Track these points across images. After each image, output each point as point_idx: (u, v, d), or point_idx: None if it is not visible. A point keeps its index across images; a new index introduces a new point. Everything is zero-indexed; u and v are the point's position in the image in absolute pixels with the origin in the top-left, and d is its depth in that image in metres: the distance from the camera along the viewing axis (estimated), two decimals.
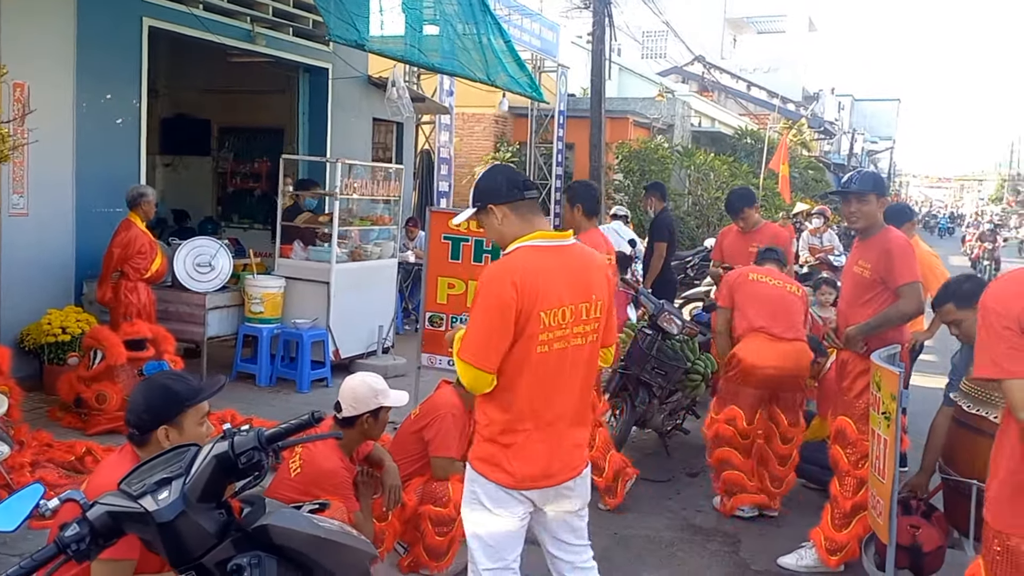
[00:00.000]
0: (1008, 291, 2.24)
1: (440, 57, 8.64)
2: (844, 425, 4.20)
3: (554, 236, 2.77)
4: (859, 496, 4.05)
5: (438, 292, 6.34)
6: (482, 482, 2.76)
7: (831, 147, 42.84)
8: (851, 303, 4.28)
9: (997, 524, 2.31)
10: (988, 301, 2.26)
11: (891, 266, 4.06)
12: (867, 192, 4.18)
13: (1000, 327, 2.18)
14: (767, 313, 4.94)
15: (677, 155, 18.94)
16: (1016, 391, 2.16)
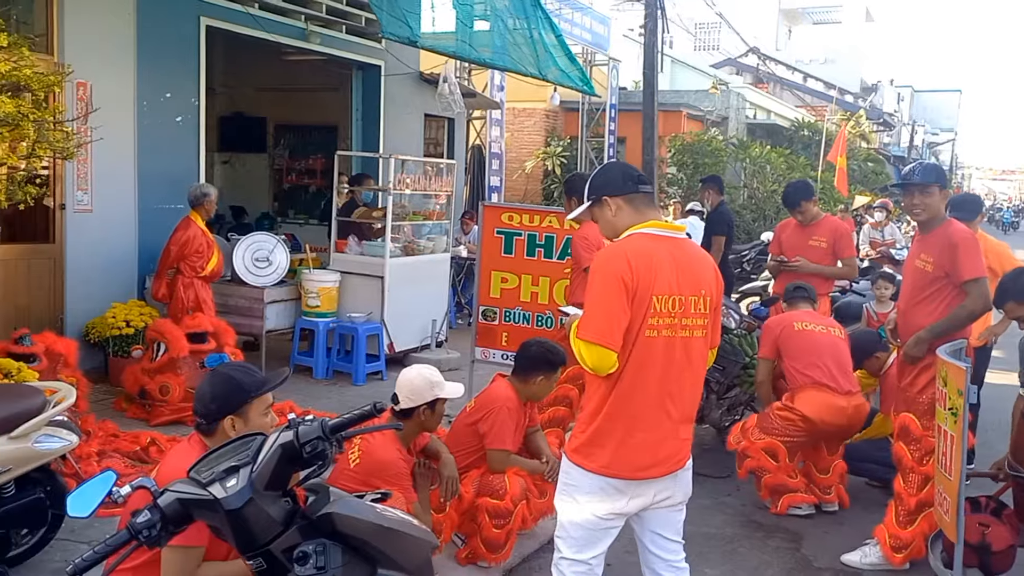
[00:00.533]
0: None
1: (491, 52, 8.66)
2: (908, 421, 4.10)
3: (667, 227, 2.77)
4: (924, 493, 3.95)
5: (491, 286, 6.36)
6: (574, 471, 2.75)
7: (891, 139, 41.91)
8: (912, 299, 4.15)
9: None
10: None
11: (956, 260, 3.92)
12: (930, 184, 4.05)
13: None
14: (824, 365, 4.83)
15: (732, 148, 18.68)
16: None
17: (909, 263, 4.30)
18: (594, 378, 2.71)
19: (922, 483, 3.97)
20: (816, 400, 4.75)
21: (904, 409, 4.17)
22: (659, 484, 2.71)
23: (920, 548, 4.02)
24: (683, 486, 2.80)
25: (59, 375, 5.05)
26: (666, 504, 2.77)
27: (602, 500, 2.69)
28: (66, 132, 4.19)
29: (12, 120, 3.69)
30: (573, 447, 2.77)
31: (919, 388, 4.05)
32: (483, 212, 6.45)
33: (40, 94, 4.10)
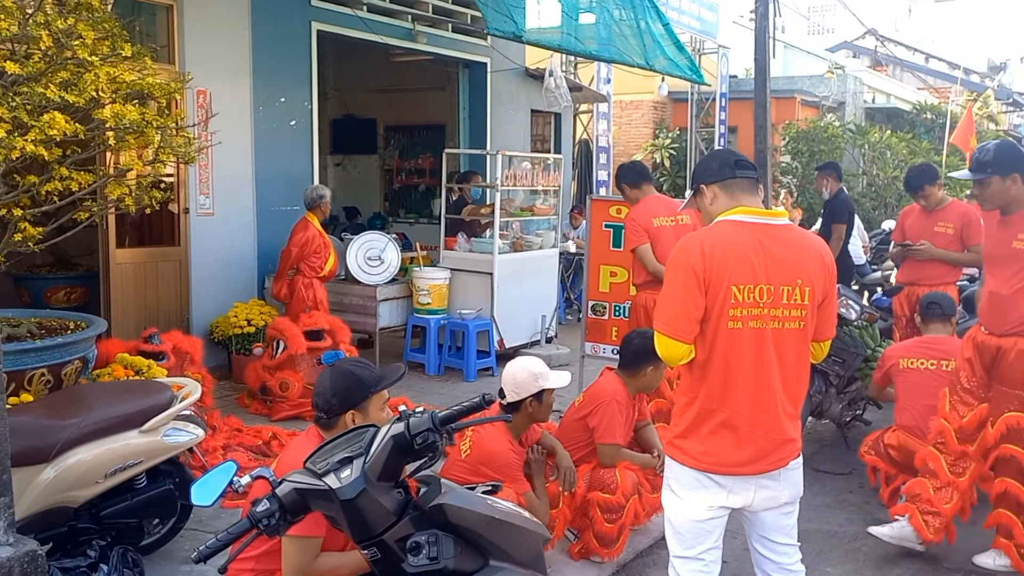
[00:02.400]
0: None
1: (597, 44, 8.58)
2: (1017, 421, 3.84)
3: (759, 213, 2.64)
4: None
5: (600, 280, 6.31)
6: (673, 465, 2.70)
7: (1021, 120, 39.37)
8: (1012, 283, 3.81)
9: None
10: None
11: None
12: (986, 178, 3.79)
13: None
14: (913, 408, 4.59)
15: (849, 134, 17.94)
16: None
17: (1004, 246, 3.89)
18: (686, 370, 2.65)
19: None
20: (901, 444, 4.62)
21: (1014, 408, 3.87)
22: (760, 481, 2.61)
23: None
24: (790, 486, 2.68)
25: (186, 372, 5.31)
26: (771, 503, 2.66)
27: (700, 494, 2.61)
28: (188, 138, 4.37)
29: (138, 127, 3.88)
30: (668, 439, 2.73)
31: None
32: (590, 206, 6.41)
33: (163, 101, 4.30)
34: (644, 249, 5.23)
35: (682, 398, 2.70)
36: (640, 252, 5.25)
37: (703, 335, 2.58)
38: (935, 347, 4.82)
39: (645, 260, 5.23)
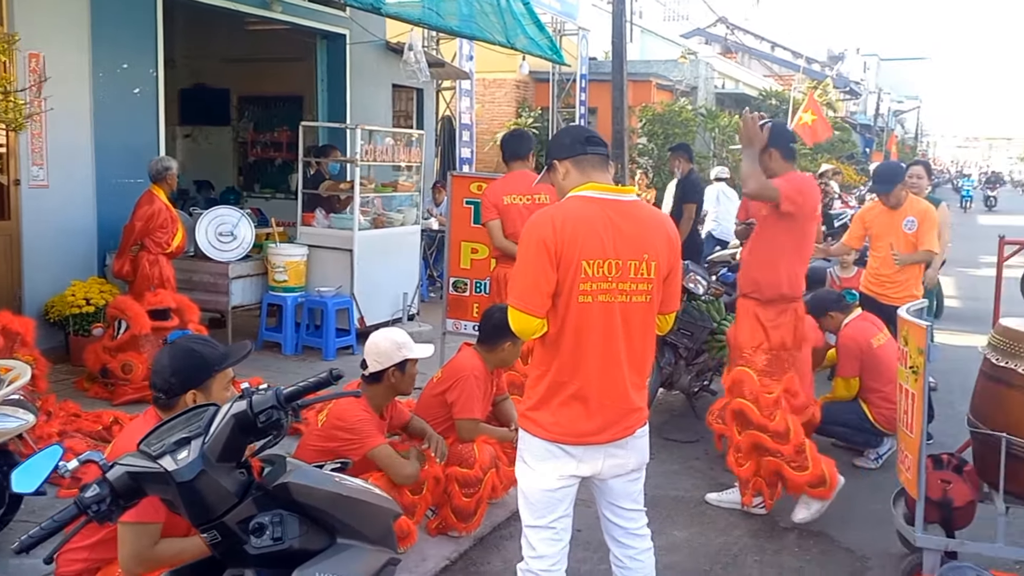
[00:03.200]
0: None
1: (459, 20, 8.53)
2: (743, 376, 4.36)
3: (608, 189, 2.69)
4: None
5: (461, 257, 6.31)
6: (524, 437, 2.74)
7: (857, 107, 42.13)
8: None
9: None
10: None
11: None
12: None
13: None
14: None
15: (701, 118, 18.69)
16: None
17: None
18: (539, 344, 2.70)
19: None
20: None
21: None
22: (608, 450, 2.69)
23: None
24: (637, 453, 2.77)
25: (16, 354, 4.94)
26: (619, 471, 2.74)
27: (551, 464, 2.67)
28: (15, 103, 4.05)
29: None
30: (521, 412, 2.77)
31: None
32: (451, 182, 6.39)
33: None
34: (493, 225, 5.31)
35: (535, 371, 2.75)
36: (489, 227, 5.35)
37: (555, 309, 2.62)
38: None
39: (493, 236, 5.33)
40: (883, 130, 42.41)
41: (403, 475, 3.54)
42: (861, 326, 5.33)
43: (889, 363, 4.73)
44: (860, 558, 3.99)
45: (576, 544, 3.83)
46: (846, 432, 5.28)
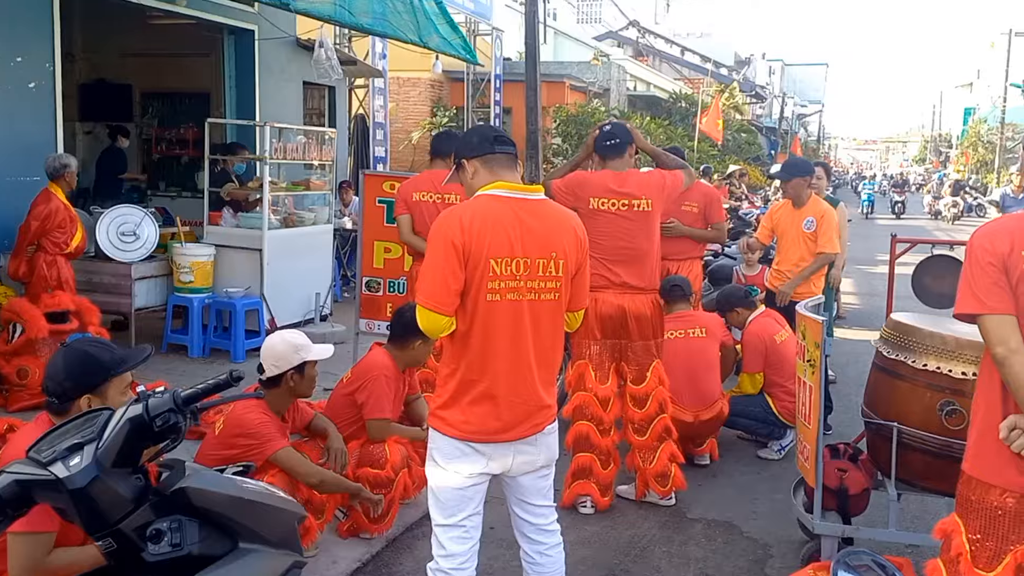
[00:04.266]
0: (996, 232, 2.33)
1: (371, 18, 8.43)
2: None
3: (516, 188, 2.70)
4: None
5: (374, 256, 6.27)
6: (434, 435, 2.74)
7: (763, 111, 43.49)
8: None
9: (976, 474, 2.35)
10: (976, 240, 2.35)
11: None
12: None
13: (985, 262, 2.28)
14: (674, 379, 4.69)
15: (614, 119, 18.99)
16: (994, 326, 2.25)
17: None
18: (448, 342, 2.70)
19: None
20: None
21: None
22: (518, 447, 2.71)
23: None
24: (546, 450, 2.79)
25: None
26: (529, 467, 2.77)
27: (461, 462, 2.67)
28: None
29: None
30: (431, 410, 2.77)
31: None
32: (363, 181, 6.33)
33: None
34: (401, 220, 5.36)
35: (444, 369, 2.75)
36: (398, 222, 5.40)
37: (463, 307, 2.63)
38: (682, 319, 5.23)
39: (401, 231, 5.37)
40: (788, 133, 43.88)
41: (311, 479, 3.49)
42: (765, 322, 5.51)
43: (791, 358, 4.90)
44: (763, 546, 4.13)
45: (489, 541, 3.86)
46: (751, 424, 5.44)
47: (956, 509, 2.43)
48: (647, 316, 4.37)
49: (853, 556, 3.22)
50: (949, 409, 3.30)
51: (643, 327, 4.37)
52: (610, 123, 4.66)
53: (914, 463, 3.47)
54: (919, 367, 3.38)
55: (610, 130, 4.47)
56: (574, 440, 4.43)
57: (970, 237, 2.40)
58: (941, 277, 4.84)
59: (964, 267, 2.36)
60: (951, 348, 3.31)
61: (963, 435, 2.49)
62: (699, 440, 5.14)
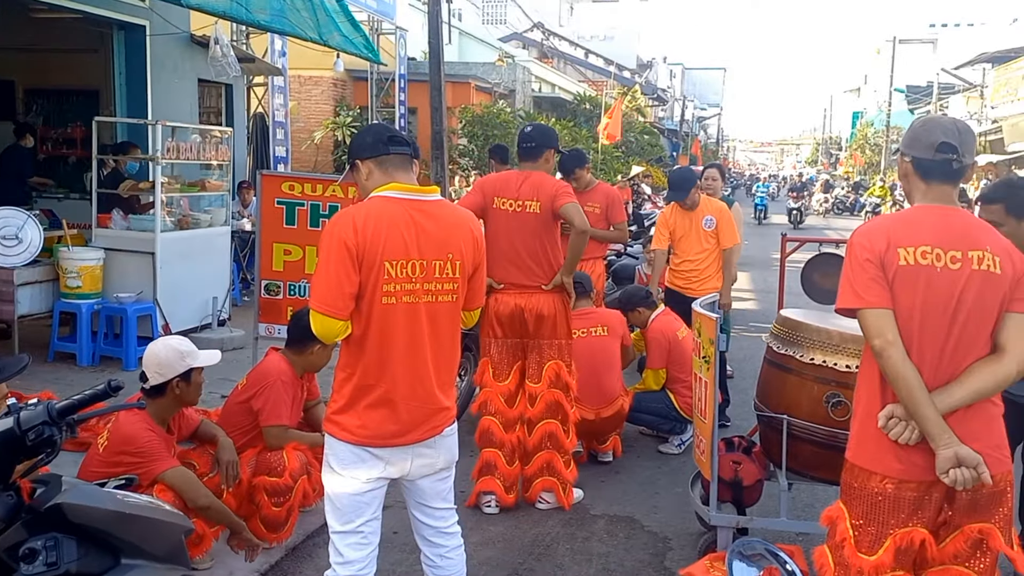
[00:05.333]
0: (873, 231, 2.44)
1: (269, 15, 8.26)
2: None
3: (411, 189, 2.67)
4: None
5: (273, 259, 6.11)
6: (330, 441, 2.69)
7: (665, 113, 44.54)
8: None
9: (858, 461, 2.45)
10: (855, 239, 2.45)
11: None
12: None
13: (863, 259, 2.38)
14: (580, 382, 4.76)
15: (519, 120, 19.10)
16: (873, 319, 2.35)
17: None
18: (344, 346, 2.66)
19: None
20: None
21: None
22: (416, 450, 2.69)
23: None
24: (446, 452, 2.78)
25: None
26: (428, 470, 2.75)
27: (359, 468, 2.64)
28: None
29: None
30: (327, 416, 2.72)
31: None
32: (261, 182, 6.18)
33: None
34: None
35: (340, 374, 2.70)
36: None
37: (359, 311, 2.59)
38: (584, 317, 5.29)
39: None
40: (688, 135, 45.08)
41: (199, 502, 3.35)
42: (667, 320, 5.64)
43: (691, 354, 5.02)
44: (663, 539, 4.22)
45: (392, 546, 3.83)
46: (654, 420, 5.55)
47: (840, 496, 2.53)
48: (544, 315, 4.41)
49: (747, 546, 3.32)
50: (835, 401, 3.43)
51: (541, 325, 4.42)
52: (532, 125, 4.70)
53: (803, 454, 3.60)
54: (806, 361, 3.51)
55: (529, 132, 4.54)
56: (479, 435, 4.49)
57: (850, 236, 2.51)
58: (827, 274, 5.03)
59: (844, 264, 2.46)
60: (836, 342, 3.45)
61: (848, 426, 2.60)
62: (602, 437, 5.21)
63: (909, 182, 2.54)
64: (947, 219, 2.41)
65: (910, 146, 2.51)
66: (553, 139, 4.55)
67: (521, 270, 4.39)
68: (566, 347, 4.52)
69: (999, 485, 2.34)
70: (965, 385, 2.32)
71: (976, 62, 35.86)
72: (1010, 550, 2.37)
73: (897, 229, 2.41)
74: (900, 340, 2.32)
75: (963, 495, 2.32)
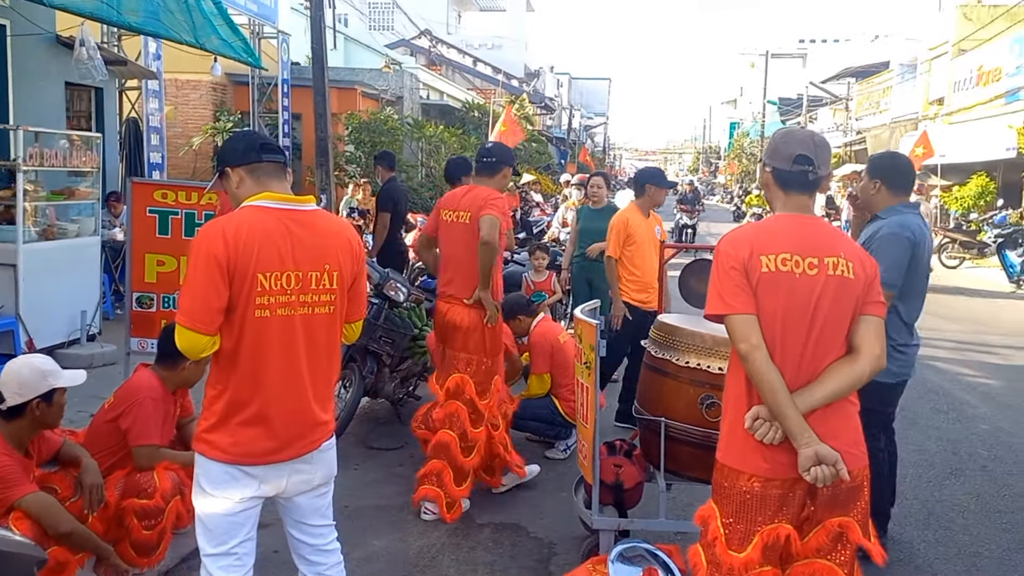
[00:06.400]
0: (738, 239, 2.52)
1: (141, 16, 7.91)
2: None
3: (285, 199, 2.59)
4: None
5: (146, 270, 5.86)
6: (201, 461, 2.59)
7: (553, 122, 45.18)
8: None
9: (727, 461, 2.52)
10: (721, 246, 2.54)
11: None
12: None
13: (729, 267, 2.47)
14: None
15: (408, 127, 18.99)
16: (738, 325, 2.44)
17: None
18: (214, 361, 2.57)
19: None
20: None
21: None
22: (293, 466, 2.62)
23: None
24: (323, 467, 2.72)
25: None
26: (305, 487, 2.68)
27: (231, 487, 2.55)
28: None
29: None
30: (196, 435, 2.62)
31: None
32: (131, 190, 5.92)
33: None
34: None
35: (211, 390, 2.60)
36: None
37: (229, 324, 2.51)
38: None
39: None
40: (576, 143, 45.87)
41: (60, 528, 3.16)
42: (548, 325, 5.71)
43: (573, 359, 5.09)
44: (548, 545, 4.25)
45: (272, 565, 3.73)
46: (539, 427, 5.60)
47: (712, 496, 2.60)
48: (458, 326, 4.52)
49: (628, 548, 3.40)
50: (709, 403, 3.54)
51: (455, 336, 4.53)
52: (492, 143, 4.95)
53: (681, 455, 3.70)
54: (682, 364, 3.62)
55: (490, 148, 4.78)
56: (434, 445, 4.53)
57: (717, 243, 2.60)
58: (703, 279, 5.19)
59: (712, 272, 2.55)
60: (709, 346, 3.57)
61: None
62: None
63: (770, 191, 2.65)
64: (805, 227, 2.53)
65: (771, 157, 2.63)
66: (510, 158, 4.78)
67: (452, 280, 4.57)
68: (477, 363, 4.55)
69: (856, 480, 2.46)
70: (824, 385, 2.43)
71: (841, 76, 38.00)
72: (867, 542, 2.49)
73: (759, 237, 2.51)
74: (764, 344, 2.41)
75: (824, 491, 2.43)
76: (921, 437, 6.13)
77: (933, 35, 26.61)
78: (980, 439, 6.17)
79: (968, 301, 13.27)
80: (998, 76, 21.32)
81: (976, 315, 11.94)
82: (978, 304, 13.08)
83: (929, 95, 26.69)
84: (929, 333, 7.85)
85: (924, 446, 5.95)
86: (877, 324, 2.50)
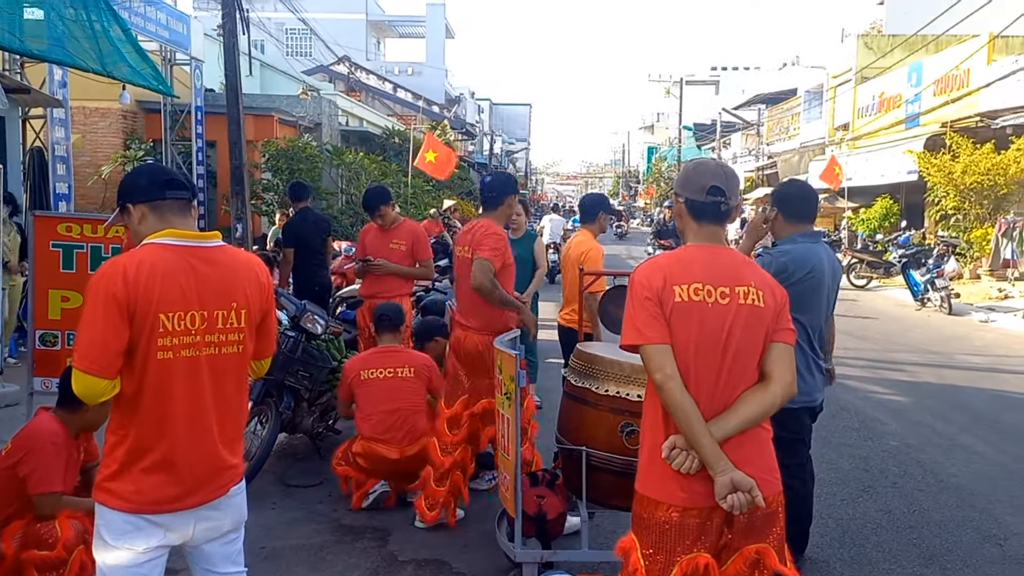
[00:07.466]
0: (651, 270, 2.56)
1: (45, 44, 7.70)
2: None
3: (189, 235, 2.51)
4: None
5: (50, 307, 5.63)
6: (101, 511, 2.46)
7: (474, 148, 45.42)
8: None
9: (646, 492, 2.54)
10: (636, 276, 2.57)
11: None
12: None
13: (643, 297, 2.50)
14: (378, 415, 5.10)
15: (327, 154, 18.79)
16: (653, 355, 2.46)
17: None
18: (114, 406, 2.46)
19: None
20: (366, 451, 5.04)
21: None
22: (200, 513, 2.52)
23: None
24: (233, 512, 2.63)
25: None
26: (214, 534, 2.59)
27: (135, 538, 2.44)
28: None
29: None
30: (97, 484, 2.50)
31: None
32: (33, 224, 5.68)
33: None
34: None
35: (112, 436, 2.48)
36: None
37: (130, 367, 2.40)
38: (391, 356, 5.23)
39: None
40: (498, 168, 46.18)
41: None
42: None
43: None
44: None
45: None
46: None
47: (632, 527, 2.61)
48: (469, 352, 4.65)
49: None
50: (629, 430, 3.56)
51: (478, 364, 4.61)
52: (491, 175, 5.06)
53: (602, 483, 3.70)
54: (602, 393, 3.63)
55: (490, 183, 4.87)
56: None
57: (631, 274, 2.62)
58: (622, 306, 5.25)
59: (627, 302, 2.56)
60: (627, 373, 3.59)
61: None
62: (410, 477, 5.14)
63: (683, 221, 2.69)
64: (716, 257, 2.58)
65: (683, 187, 2.67)
66: (511, 185, 4.92)
67: (465, 311, 4.75)
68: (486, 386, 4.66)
69: (771, 506, 2.50)
70: (737, 413, 2.46)
71: (752, 103, 39.27)
72: (784, 568, 2.53)
73: (672, 267, 2.54)
74: (679, 373, 2.44)
75: (741, 518, 2.46)
76: (834, 455, 6.30)
77: (837, 63, 27.81)
78: (890, 455, 6.37)
79: (875, 321, 13.77)
80: (898, 103, 22.39)
81: (884, 333, 12.39)
82: (885, 323, 13.58)
83: (835, 121, 27.82)
84: (840, 352, 8.11)
85: (837, 464, 6.11)
86: (787, 351, 2.55)
